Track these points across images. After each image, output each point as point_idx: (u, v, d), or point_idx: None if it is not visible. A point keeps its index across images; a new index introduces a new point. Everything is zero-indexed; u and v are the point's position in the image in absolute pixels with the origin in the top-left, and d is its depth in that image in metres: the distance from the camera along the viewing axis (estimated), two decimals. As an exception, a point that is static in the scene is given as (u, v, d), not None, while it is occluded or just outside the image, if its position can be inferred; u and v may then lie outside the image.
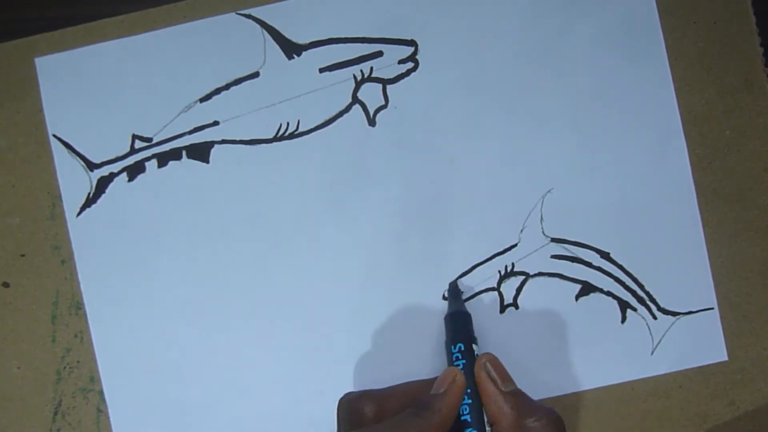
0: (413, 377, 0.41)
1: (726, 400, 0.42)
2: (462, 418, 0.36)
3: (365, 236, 0.42)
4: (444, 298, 0.42)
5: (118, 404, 0.42)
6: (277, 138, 0.43)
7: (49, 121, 0.43)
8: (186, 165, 0.43)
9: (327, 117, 0.43)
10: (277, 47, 0.43)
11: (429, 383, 0.38)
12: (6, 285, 0.43)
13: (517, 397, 0.36)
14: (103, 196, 0.43)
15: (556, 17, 0.43)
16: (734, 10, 0.43)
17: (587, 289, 0.42)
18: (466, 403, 0.36)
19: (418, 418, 0.35)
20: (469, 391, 0.37)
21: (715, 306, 0.42)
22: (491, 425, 0.36)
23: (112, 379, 0.42)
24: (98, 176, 0.43)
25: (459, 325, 0.39)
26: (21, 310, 0.43)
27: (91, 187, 0.43)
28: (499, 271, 0.42)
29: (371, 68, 0.43)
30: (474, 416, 0.36)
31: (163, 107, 0.43)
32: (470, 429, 0.36)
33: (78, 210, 0.43)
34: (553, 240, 0.42)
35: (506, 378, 0.37)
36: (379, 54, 0.43)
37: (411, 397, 0.37)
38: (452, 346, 0.38)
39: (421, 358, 0.42)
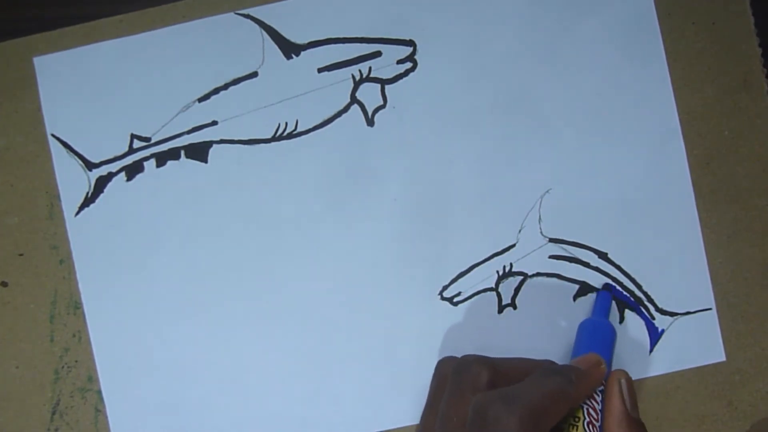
0: (413, 378, 0.41)
1: (724, 400, 0.42)
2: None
3: (363, 236, 0.42)
4: (443, 298, 0.42)
5: (116, 404, 0.42)
6: (275, 138, 0.43)
7: (48, 121, 0.43)
8: (184, 165, 0.43)
9: (325, 117, 0.43)
10: (276, 47, 0.43)
11: (539, 364, 0.37)
12: (4, 284, 0.43)
13: (641, 428, 0.35)
14: (102, 195, 0.43)
15: (554, 18, 0.43)
16: (733, 10, 0.43)
17: (585, 289, 0.42)
18: (589, 405, 0.35)
19: (555, 382, 0.33)
20: (600, 393, 0.36)
21: (713, 306, 0.42)
22: None
23: (110, 378, 0.42)
24: (97, 176, 0.43)
25: (609, 335, 0.39)
26: (19, 309, 0.43)
27: (90, 186, 0.43)
28: (498, 272, 0.42)
29: (370, 68, 0.43)
30: (592, 417, 0.35)
31: (161, 107, 0.43)
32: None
33: (76, 209, 0.43)
34: (552, 240, 0.42)
35: (635, 404, 0.36)
36: (378, 54, 0.43)
37: (525, 373, 0.35)
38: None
39: (420, 359, 0.42)
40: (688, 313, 0.42)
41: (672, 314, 0.42)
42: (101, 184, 0.43)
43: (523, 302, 0.42)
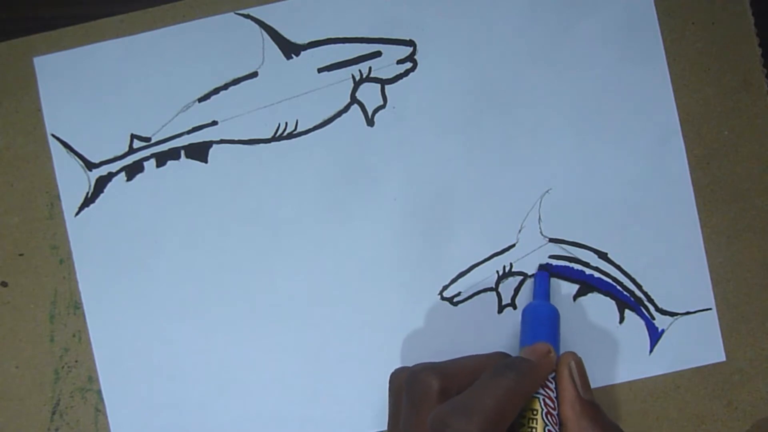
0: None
1: (724, 400, 0.42)
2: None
3: (363, 236, 0.42)
4: (443, 298, 0.42)
5: (116, 404, 0.42)
6: (275, 138, 0.43)
7: (48, 121, 0.43)
8: (184, 165, 0.43)
9: (325, 117, 0.43)
10: (276, 47, 0.43)
11: (490, 358, 0.37)
12: (4, 284, 0.43)
13: (595, 409, 0.35)
14: (102, 195, 0.43)
15: (554, 17, 0.43)
16: (733, 10, 0.43)
17: (585, 289, 0.42)
18: (545, 395, 0.35)
19: (506, 379, 0.33)
20: (553, 381, 0.35)
21: (713, 306, 0.42)
22: (558, 427, 0.35)
23: (110, 378, 0.42)
24: (97, 176, 0.43)
25: (553, 318, 0.39)
26: (19, 309, 0.43)
27: (90, 186, 0.43)
28: (498, 272, 0.42)
29: (370, 68, 0.43)
30: (549, 406, 0.35)
31: (161, 107, 0.43)
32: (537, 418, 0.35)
33: (76, 209, 0.43)
34: (551, 240, 0.42)
35: (587, 385, 0.36)
36: (378, 54, 0.43)
37: (476, 372, 0.35)
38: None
39: (420, 359, 0.42)
40: (688, 313, 0.42)
41: (672, 314, 0.42)
42: (101, 184, 0.43)
43: (523, 302, 0.42)
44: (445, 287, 0.42)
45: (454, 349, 0.42)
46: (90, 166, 0.43)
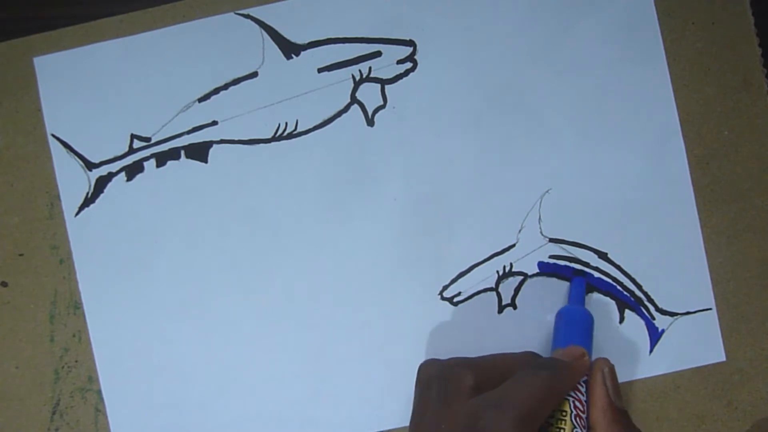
0: (412, 378, 0.41)
1: (724, 400, 0.42)
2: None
3: (363, 236, 0.42)
4: (443, 298, 0.42)
5: (116, 404, 0.42)
6: (275, 138, 0.43)
7: (48, 121, 0.43)
8: (184, 165, 0.43)
9: (325, 117, 0.43)
10: (276, 47, 0.43)
11: (521, 358, 0.37)
12: (4, 284, 0.43)
13: (626, 417, 0.35)
14: (102, 195, 0.43)
15: (554, 17, 0.43)
16: (733, 10, 0.43)
17: (585, 289, 0.42)
18: (574, 397, 0.35)
19: (540, 377, 0.33)
20: (584, 384, 0.36)
21: (713, 306, 0.42)
22: (586, 430, 0.35)
23: (110, 378, 0.42)
24: (97, 176, 0.43)
25: (588, 324, 0.39)
26: (19, 309, 0.43)
27: (90, 186, 0.43)
28: (498, 272, 0.42)
29: (370, 68, 0.43)
30: (578, 409, 0.35)
31: (161, 107, 0.43)
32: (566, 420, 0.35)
33: (76, 209, 0.43)
34: (552, 240, 0.42)
35: (619, 393, 0.36)
36: (378, 54, 0.43)
37: (509, 370, 0.35)
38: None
39: (420, 359, 0.42)
40: (688, 313, 0.42)
41: (672, 314, 0.42)
42: (101, 184, 0.43)
43: (523, 302, 0.42)
44: (445, 287, 0.42)
45: (454, 349, 0.42)
46: (90, 166, 0.43)
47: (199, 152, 0.43)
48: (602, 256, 0.42)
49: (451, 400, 0.34)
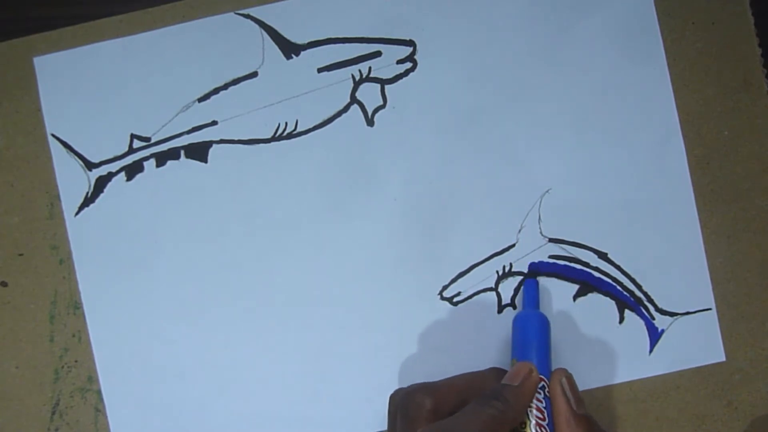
0: (412, 378, 0.41)
1: (724, 400, 0.42)
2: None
3: (363, 236, 0.42)
4: (443, 298, 0.42)
5: (116, 404, 0.42)
6: (275, 138, 0.43)
7: (48, 121, 0.43)
8: (184, 165, 0.43)
9: (325, 117, 0.43)
10: (276, 47, 0.43)
11: (482, 376, 0.38)
12: (4, 284, 0.43)
13: (588, 422, 0.36)
14: (102, 195, 0.43)
15: (554, 17, 0.43)
16: (732, 10, 0.43)
17: (585, 289, 0.42)
18: (534, 406, 0.36)
19: (490, 408, 0.34)
20: (542, 391, 0.36)
21: (713, 306, 0.42)
22: None
23: (110, 378, 0.42)
24: (97, 176, 0.43)
25: (543, 327, 0.39)
26: (19, 309, 0.43)
27: (90, 186, 0.43)
28: (497, 272, 0.42)
29: (369, 68, 0.43)
30: (539, 417, 0.36)
31: (161, 107, 0.43)
32: None
33: (76, 209, 0.43)
34: (551, 240, 0.42)
35: (580, 400, 0.37)
36: (378, 54, 0.43)
37: (468, 390, 0.37)
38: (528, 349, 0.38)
39: (420, 359, 0.42)
40: (687, 313, 0.42)
41: (672, 314, 0.42)
42: (101, 184, 0.43)
43: (523, 302, 0.42)
44: (445, 287, 0.42)
45: (454, 349, 0.42)
46: (90, 166, 0.43)
47: (198, 152, 0.43)
48: (602, 256, 0.42)
49: (412, 424, 0.35)
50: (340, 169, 0.43)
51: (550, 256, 0.42)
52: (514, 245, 0.42)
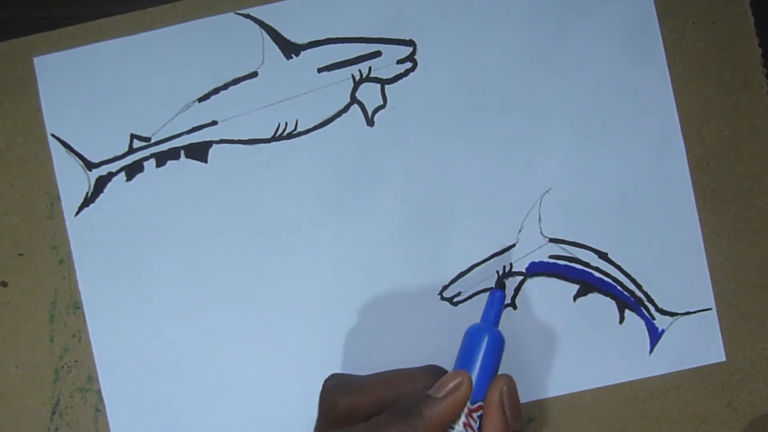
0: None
1: (724, 400, 0.42)
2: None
3: (363, 236, 0.42)
4: (443, 298, 0.42)
5: (116, 404, 0.42)
6: (275, 138, 0.43)
7: (48, 121, 0.43)
8: (184, 165, 0.43)
9: (325, 117, 0.43)
10: (276, 47, 0.43)
11: (412, 376, 0.34)
12: (4, 284, 0.43)
13: None
14: (102, 195, 0.43)
15: (554, 17, 0.43)
16: (733, 10, 0.43)
17: (585, 289, 0.42)
18: (465, 422, 0.32)
19: (402, 425, 0.30)
20: (472, 407, 0.32)
21: (713, 306, 0.42)
22: None
23: (110, 378, 0.42)
24: (97, 176, 0.43)
25: (495, 345, 0.34)
26: (19, 309, 0.43)
27: (90, 186, 0.43)
28: (498, 272, 0.42)
29: (370, 68, 0.43)
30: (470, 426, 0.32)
31: (161, 107, 0.43)
32: None
33: (76, 209, 0.43)
34: (552, 240, 0.42)
35: (517, 414, 0.32)
36: (378, 54, 0.43)
37: (394, 389, 0.33)
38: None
39: (420, 359, 0.42)
40: (688, 313, 0.42)
41: (672, 314, 0.42)
42: (101, 184, 0.43)
43: (523, 302, 0.42)
44: (445, 287, 0.42)
45: (454, 348, 0.42)
46: (90, 166, 0.43)
47: (198, 152, 0.43)
48: (602, 256, 0.42)
49: (325, 426, 0.33)
50: (340, 169, 0.43)
51: (551, 256, 0.42)
52: (514, 245, 0.42)
